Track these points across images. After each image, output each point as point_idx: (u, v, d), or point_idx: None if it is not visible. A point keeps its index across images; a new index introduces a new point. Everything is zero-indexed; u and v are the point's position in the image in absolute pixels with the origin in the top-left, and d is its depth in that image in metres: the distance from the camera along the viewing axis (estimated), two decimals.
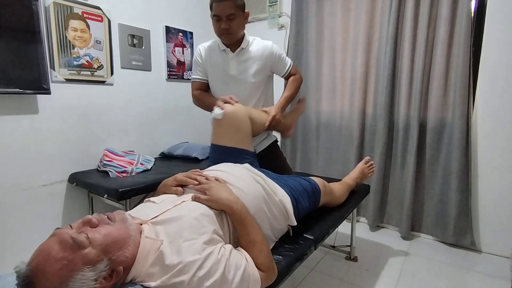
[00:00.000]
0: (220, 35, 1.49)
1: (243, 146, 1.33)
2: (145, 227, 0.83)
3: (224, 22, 1.43)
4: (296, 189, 1.27)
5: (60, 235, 0.68)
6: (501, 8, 1.88)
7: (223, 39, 1.51)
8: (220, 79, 1.56)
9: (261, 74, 1.58)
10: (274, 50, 1.59)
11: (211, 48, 1.57)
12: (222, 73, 1.55)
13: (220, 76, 1.56)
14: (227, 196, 0.92)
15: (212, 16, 1.45)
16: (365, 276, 1.81)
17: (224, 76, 1.55)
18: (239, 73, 1.54)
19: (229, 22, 1.43)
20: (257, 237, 0.91)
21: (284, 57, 1.64)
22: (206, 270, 0.73)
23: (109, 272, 0.71)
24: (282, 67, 1.63)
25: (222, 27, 1.43)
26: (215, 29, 1.49)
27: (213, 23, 1.48)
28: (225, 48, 1.54)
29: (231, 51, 1.53)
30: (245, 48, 1.55)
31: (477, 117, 2.03)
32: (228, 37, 1.48)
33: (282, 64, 1.63)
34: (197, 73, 1.61)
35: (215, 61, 1.55)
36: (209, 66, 1.56)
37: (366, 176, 1.83)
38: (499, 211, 2.00)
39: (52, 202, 1.89)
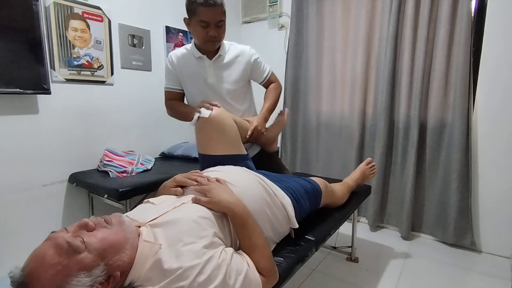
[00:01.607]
0: (206, 42, 1.36)
1: (233, 151, 1.25)
2: (143, 229, 0.80)
3: (213, 29, 1.32)
4: (297, 190, 1.26)
5: (55, 239, 0.66)
6: (502, 8, 1.88)
7: (208, 46, 1.39)
8: (197, 88, 1.46)
9: (240, 82, 1.50)
10: (252, 54, 1.51)
11: (185, 56, 1.46)
12: (199, 82, 1.45)
13: (197, 85, 1.45)
14: (228, 199, 0.90)
15: (197, 21, 1.30)
16: (366, 277, 1.81)
17: (201, 85, 1.45)
18: (217, 81, 1.45)
19: (218, 29, 1.33)
20: (258, 241, 0.90)
21: (263, 63, 1.57)
22: (207, 276, 0.71)
23: (106, 277, 0.69)
24: (261, 74, 1.55)
25: (211, 34, 1.32)
26: (199, 36, 1.35)
27: (197, 29, 1.33)
28: (200, 56, 1.42)
29: (207, 58, 1.43)
30: (222, 54, 1.45)
31: (478, 117, 2.03)
32: (215, 44, 1.39)
33: (261, 70, 1.55)
34: (170, 82, 1.51)
35: (191, 70, 1.44)
36: (185, 75, 1.46)
37: (367, 177, 1.83)
38: (499, 211, 2.00)
39: (52, 202, 1.89)
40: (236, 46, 1.51)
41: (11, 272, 0.64)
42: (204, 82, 1.44)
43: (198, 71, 1.43)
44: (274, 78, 1.62)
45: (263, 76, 1.55)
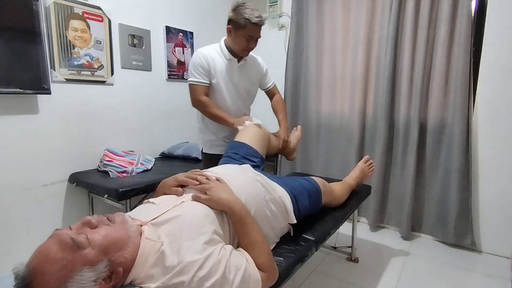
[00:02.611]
0: (244, 51, 1.62)
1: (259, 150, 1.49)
2: (145, 228, 0.82)
3: (253, 42, 1.60)
4: (296, 187, 1.27)
5: (59, 235, 0.68)
6: (502, 8, 1.88)
7: (244, 54, 1.65)
8: (224, 83, 1.66)
9: (255, 84, 1.80)
10: (264, 64, 1.83)
11: (216, 55, 1.65)
12: (227, 79, 1.66)
13: (225, 81, 1.66)
14: (228, 197, 0.92)
15: (244, 34, 1.54)
16: (366, 277, 1.81)
17: (228, 82, 1.67)
18: (240, 80, 1.70)
19: (255, 43, 1.62)
20: (257, 238, 0.91)
21: (269, 73, 1.87)
22: (207, 271, 0.73)
23: (109, 273, 0.71)
24: (267, 82, 1.85)
25: (251, 46, 1.60)
26: (241, 45, 1.59)
27: (241, 40, 1.57)
28: (231, 58, 1.65)
29: (236, 61, 1.67)
30: (247, 60, 1.71)
31: (478, 117, 2.03)
32: (249, 53, 1.67)
33: (268, 79, 1.85)
34: (201, 76, 1.62)
35: (222, 68, 1.64)
36: (217, 71, 1.63)
37: (367, 175, 1.83)
38: (499, 211, 2.00)
39: (52, 202, 1.89)
40: (253, 55, 1.78)
41: (16, 268, 0.65)
42: (231, 80, 1.67)
43: (228, 70, 1.66)
44: (276, 89, 1.90)
45: (268, 84, 1.85)
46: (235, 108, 1.72)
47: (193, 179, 0.99)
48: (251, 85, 1.77)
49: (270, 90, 1.87)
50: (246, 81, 1.73)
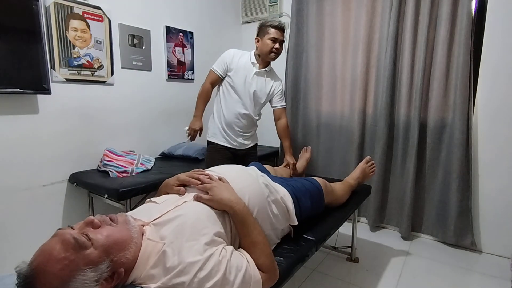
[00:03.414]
0: (270, 53, 1.84)
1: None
2: (147, 228, 0.82)
3: (278, 44, 1.83)
4: (298, 188, 1.27)
5: (62, 235, 0.68)
6: (502, 8, 1.88)
7: (271, 57, 1.87)
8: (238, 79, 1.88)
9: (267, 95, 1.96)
10: (281, 85, 2.03)
11: (241, 57, 1.90)
12: (243, 77, 1.88)
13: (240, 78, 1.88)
14: (229, 197, 0.92)
15: (269, 37, 1.82)
16: (366, 277, 1.81)
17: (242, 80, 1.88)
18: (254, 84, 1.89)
19: (280, 46, 1.85)
20: (258, 238, 0.91)
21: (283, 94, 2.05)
22: (207, 271, 0.73)
23: (110, 274, 0.71)
24: (280, 100, 2.03)
25: (276, 47, 1.83)
26: (266, 48, 1.84)
27: (266, 43, 1.83)
28: (254, 62, 1.90)
29: (258, 67, 1.90)
30: (267, 71, 1.94)
31: (478, 117, 2.03)
32: (275, 56, 1.88)
33: (280, 98, 2.03)
34: (220, 67, 1.90)
35: (243, 66, 1.88)
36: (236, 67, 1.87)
37: (368, 176, 1.83)
38: (499, 212, 2.00)
39: (52, 202, 1.89)
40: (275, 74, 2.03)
41: (18, 267, 0.66)
42: (246, 79, 1.88)
43: (247, 70, 1.88)
44: (284, 113, 2.06)
45: (279, 103, 2.02)
46: (242, 105, 1.90)
47: (195, 179, 0.99)
48: (262, 94, 1.93)
49: (277, 110, 2.02)
50: (259, 87, 1.91)
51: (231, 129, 1.94)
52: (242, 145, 1.99)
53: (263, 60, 1.90)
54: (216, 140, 1.97)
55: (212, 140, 1.99)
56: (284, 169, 1.94)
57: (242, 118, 1.92)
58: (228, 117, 1.92)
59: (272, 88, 1.97)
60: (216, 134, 1.97)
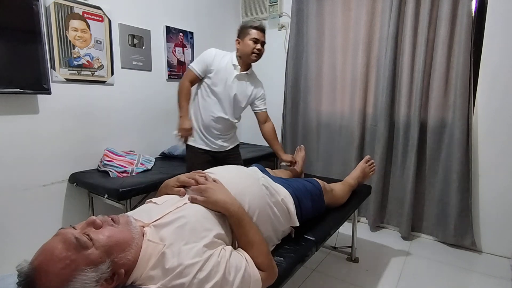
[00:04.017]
0: (252, 54, 1.77)
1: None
2: (147, 230, 0.82)
3: (259, 45, 1.78)
4: (299, 189, 1.27)
5: (64, 234, 0.69)
6: (502, 8, 1.88)
7: (252, 58, 1.79)
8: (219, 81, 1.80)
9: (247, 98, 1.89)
10: (262, 88, 1.98)
11: (223, 57, 1.82)
12: (224, 79, 1.80)
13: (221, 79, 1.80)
14: (223, 198, 0.92)
15: (250, 38, 1.76)
16: (366, 277, 1.81)
17: (223, 81, 1.80)
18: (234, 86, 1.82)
19: (261, 46, 1.79)
20: (255, 238, 0.91)
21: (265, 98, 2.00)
22: (207, 272, 0.73)
23: (111, 274, 0.71)
24: (261, 104, 1.97)
25: (258, 48, 1.77)
26: (247, 49, 1.77)
27: (248, 44, 1.77)
28: (236, 64, 1.81)
29: (239, 69, 1.82)
30: (249, 74, 1.87)
31: (478, 117, 2.03)
32: (257, 57, 1.81)
33: (262, 102, 1.98)
34: (200, 67, 1.80)
35: (224, 67, 1.80)
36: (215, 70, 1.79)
37: (367, 175, 1.83)
38: (499, 212, 2.00)
39: (52, 202, 1.89)
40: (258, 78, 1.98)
41: (19, 265, 0.66)
42: (226, 81, 1.81)
43: (228, 73, 1.81)
44: (267, 115, 2.00)
45: (261, 106, 1.97)
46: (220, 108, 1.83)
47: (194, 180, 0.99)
48: (243, 98, 1.87)
49: (260, 113, 1.97)
50: (240, 91, 1.84)
51: (209, 131, 1.85)
52: (222, 147, 1.91)
53: (244, 62, 1.83)
54: (194, 144, 1.88)
55: (191, 144, 1.89)
56: (282, 171, 1.91)
57: (219, 121, 1.84)
58: (206, 120, 1.83)
59: (253, 93, 1.91)
60: (194, 137, 1.87)
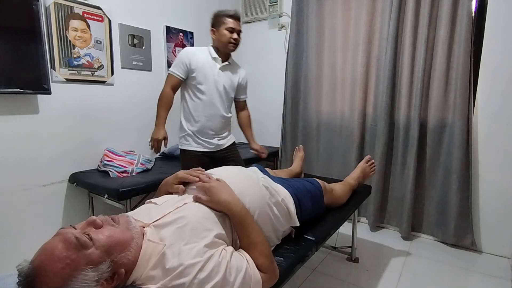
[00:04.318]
0: (229, 44, 1.74)
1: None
2: (148, 230, 0.82)
3: (236, 34, 1.75)
4: (299, 189, 1.27)
5: (64, 234, 0.69)
6: (502, 8, 1.88)
7: (229, 48, 1.76)
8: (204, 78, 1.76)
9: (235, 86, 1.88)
10: (246, 75, 1.97)
11: (200, 54, 1.77)
12: (208, 75, 1.76)
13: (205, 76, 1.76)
14: (227, 198, 0.92)
15: (225, 27, 1.73)
16: (366, 277, 1.81)
17: (208, 77, 1.76)
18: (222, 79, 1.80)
19: (238, 36, 1.77)
20: (257, 238, 0.91)
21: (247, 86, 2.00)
22: (207, 273, 0.73)
23: (111, 274, 0.71)
24: (244, 92, 1.99)
25: (234, 37, 1.74)
26: (224, 39, 1.73)
27: (223, 34, 1.73)
28: (216, 57, 1.78)
29: (221, 61, 1.79)
30: (231, 63, 1.85)
31: (478, 117, 2.03)
32: (234, 47, 1.78)
33: (245, 90, 1.99)
34: (179, 69, 1.75)
35: (204, 63, 1.76)
36: (199, 67, 1.74)
37: (368, 175, 1.83)
38: (499, 212, 2.00)
39: (52, 202, 1.89)
40: (239, 66, 1.95)
41: (20, 265, 0.66)
42: (212, 76, 1.76)
43: (211, 67, 1.77)
44: (246, 104, 2.04)
45: (243, 96, 1.99)
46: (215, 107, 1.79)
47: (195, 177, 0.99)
48: (231, 88, 1.85)
49: (240, 102, 1.99)
50: (227, 82, 1.82)
51: (203, 133, 1.80)
52: (218, 146, 1.86)
53: (222, 53, 1.78)
54: (190, 148, 1.81)
55: (185, 148, 1.83)
56: (282, 171, 1.91)
57: (214, 119, 1.79)
58: (200, 121, 1.77)
59: (239, 80, 1.89)
60: (188, 141, 1.81)
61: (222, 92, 1.80)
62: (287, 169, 1.97)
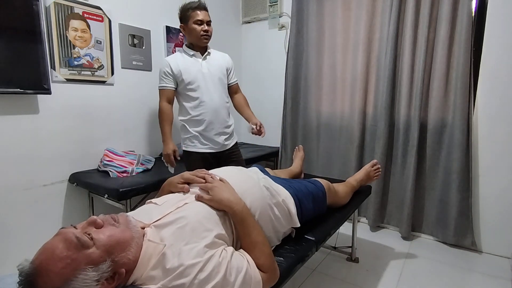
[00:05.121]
0: (201, 37, 1.74)
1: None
2: (148, 230, 0.82)
3: (206, 26, 1.73)
4: (301, 190, 1.27)
5: (65, 234, 0.69)
6: (502, 8, 1.88)
7: (202, 41, 1.75)
8: (194, 78, 1.76)
9: (224, 72, 1.87)
10: (230, 60, 1.95)
11: (177, 57, 1.78)
12: (196, 73, 1.76)
13: (194, 76, 1.76)
14: (229, 197, 0.93)
15: (193, 21, 1.71)
16: (366, 277, 1.81)
17: (197, 75, 1.76)
18: (210, 71, 1.79)
19: (208, 27, 1.75)
20: (258, 238, 0.91)
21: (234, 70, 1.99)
22: (207, 273, 0.73)
23: (111, 274, 0.71)
24: (233, 76, 1.97)
25: (205, 29, 1.72)
26: (195, 34, 1.73)
27: (193, 28, 1.72)
28: (194, 53, 1.78)
29: (200, 55, 1.79)
30: (210, 53, 1.84)
31: (478, 117, 2.03)
32: (208, 39, 1.77)
33: (234, 74, 1.97)
34: (166, 81, 1.78)
35: (188, 65, 1.76)
36: (182, 71, 1.75)
37: (371, 179, 1.84)
38: (499, 212, 2.00)
39: (52, 202, 1.89)
40: (221, 52, 1.93)
41: (21, 265, 0.66)
42: (200, 72, 1.77)
43: (194, 65, 1.77)
44: (238, 87, 2.02)
45: (234, 79, 1.97)
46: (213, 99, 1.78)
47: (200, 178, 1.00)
48: (221, 73, 1.84)
49: (233, 86, 1.97)
50: (217, 71, 1.82)
51: (209, 129, 1.78)
52: (224, 146, 1.85)
53: (198, 47, 1.78)
54: (195, 149, 1.81)
55: (191, 150, 1.82)
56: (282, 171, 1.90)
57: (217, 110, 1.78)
58: (204, 119, 1.77)
59: (226, 65, 1.89)
60: (194, 142, 1.81)
61: (217, 82, 1.80)
62: (287, 169, 1.97)
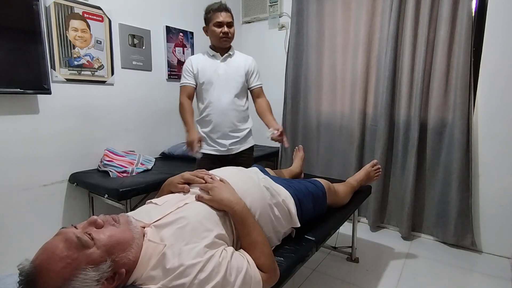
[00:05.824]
0: (221, 38, 1.73)
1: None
2: (148, 230, 0.82)
3: (225, 28, 1.72)
4: (301, 190, 1.27)
5: (65, 234, 0.69)
6: (502, 8, 1.88)
7: (222, 43, 1.76)
8: (210, 77, 1.76)
9: (243, 77, 1.82)
10: (254, 62, 1.89)
11: (200, 58, 1.81)
12: (212, 73, 1.76)
13: (210, 75, 1.76)
14: (229, 197, 0.93)
15: (213, 23, 1.72)
16: (366, 277, 1.81)
17: (213, 75, 1.77)
18: (226, 73, 1.78)
19: (229, 28, 1.74)
20: (258, 238, 0.91)
21: (259, 74, 1.92)
22: (207, 273, 0.73)
23: (112, 274, 0.71)
24: (255, 79, 1.88)
25: (224, 32, 1.71)
26: (214, 35, 1.74)
27: (213, 30, 1.73)
28: (214, 54, 1.80)
29: (220, 56, 1.79)
30: (232, 55, 1.83)
31: (478, 117, 2.03)
32: (227, 40, 1.76)
33: (256, 77, 1.89)
34: (187, 79, 1.79)
35: (206, 66, 1.78)
36: (200, 71, 1.77)
37: (371, 179, 1.84)
38: (499, 212, 2.00)
39: (52, 202, 1.89)
40: (245, 55, 1.90)
41: (21, 264, 0.66)
42: (216, 72, 1.77)
43: (213, 65, 1.78)
44: (262, 91, 1.92)
45: (254, 83, 1.88)
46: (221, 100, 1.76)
47: (199, 178, 1.00)
48: (237, 75, 1.80)
49: (254, 90, 1.89)
50: (234, 73, 1.79)
51: (215, 131, 1.78)
52: (230, 150, 1.82)
53: (219, 49, 1.78)
54: (202, 150, 1.77)
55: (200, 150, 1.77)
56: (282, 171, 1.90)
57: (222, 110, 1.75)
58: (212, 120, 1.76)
59: (246, 68, 1.82)
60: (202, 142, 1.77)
61: (232, 85, 1.77)
62: (287, 169, 1.97)
